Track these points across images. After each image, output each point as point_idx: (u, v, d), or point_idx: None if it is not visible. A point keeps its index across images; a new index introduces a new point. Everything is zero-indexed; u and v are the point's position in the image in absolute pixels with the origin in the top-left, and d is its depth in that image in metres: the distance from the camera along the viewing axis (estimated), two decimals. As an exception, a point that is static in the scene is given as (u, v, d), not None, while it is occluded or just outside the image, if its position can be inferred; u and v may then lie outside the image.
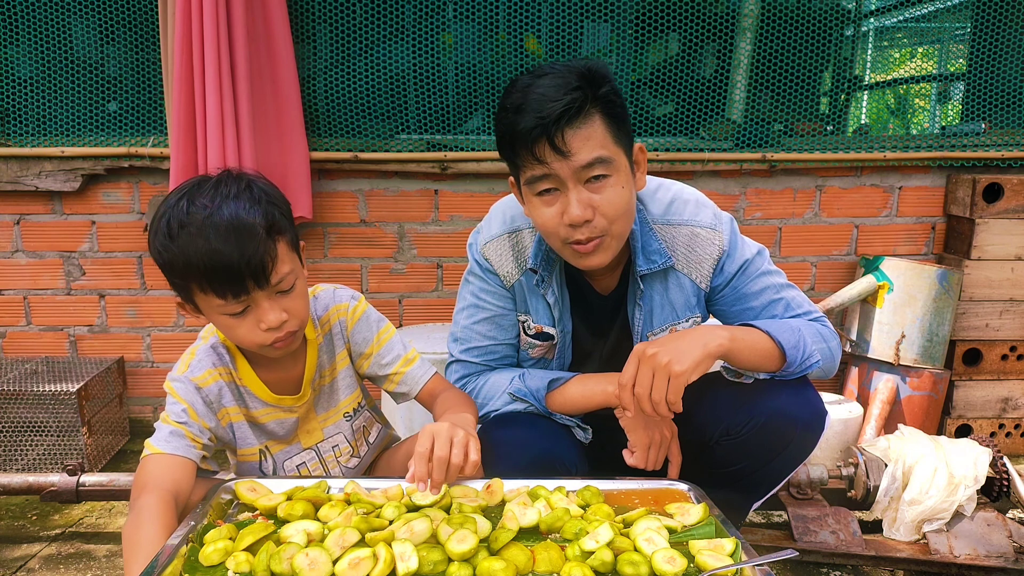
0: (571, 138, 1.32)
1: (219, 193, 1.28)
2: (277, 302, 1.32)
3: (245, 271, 1.25)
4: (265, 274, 1.27)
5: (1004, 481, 2.01)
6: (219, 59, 2.43)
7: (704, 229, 1.54)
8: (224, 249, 1.23)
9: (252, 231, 1.25)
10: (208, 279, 1.26)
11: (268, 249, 1.27)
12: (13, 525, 2.28)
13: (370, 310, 1.57)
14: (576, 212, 1.36)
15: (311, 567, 1.07)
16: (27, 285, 2.84)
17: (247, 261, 1.24)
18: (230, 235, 1.24)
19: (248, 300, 1.30)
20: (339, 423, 1.58)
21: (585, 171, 1.35)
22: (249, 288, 1.27)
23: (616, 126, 1.37)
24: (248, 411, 1.49)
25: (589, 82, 1.34)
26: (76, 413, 2.52)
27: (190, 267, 1.25)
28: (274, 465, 1.54)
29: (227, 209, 1.25)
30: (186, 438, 1.38)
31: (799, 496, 2.09)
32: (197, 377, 1.43)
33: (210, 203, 1.26)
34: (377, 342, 1.56)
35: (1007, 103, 2.86)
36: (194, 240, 1.24)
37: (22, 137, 2.73)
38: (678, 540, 1.19)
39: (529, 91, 1.34)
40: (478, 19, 2.74)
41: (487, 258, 1.60)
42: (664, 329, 1.60)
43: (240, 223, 1.25)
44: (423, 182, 2.81)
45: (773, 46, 2.79)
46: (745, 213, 2.86)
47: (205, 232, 1.23)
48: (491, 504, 1.30)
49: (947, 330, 2.68)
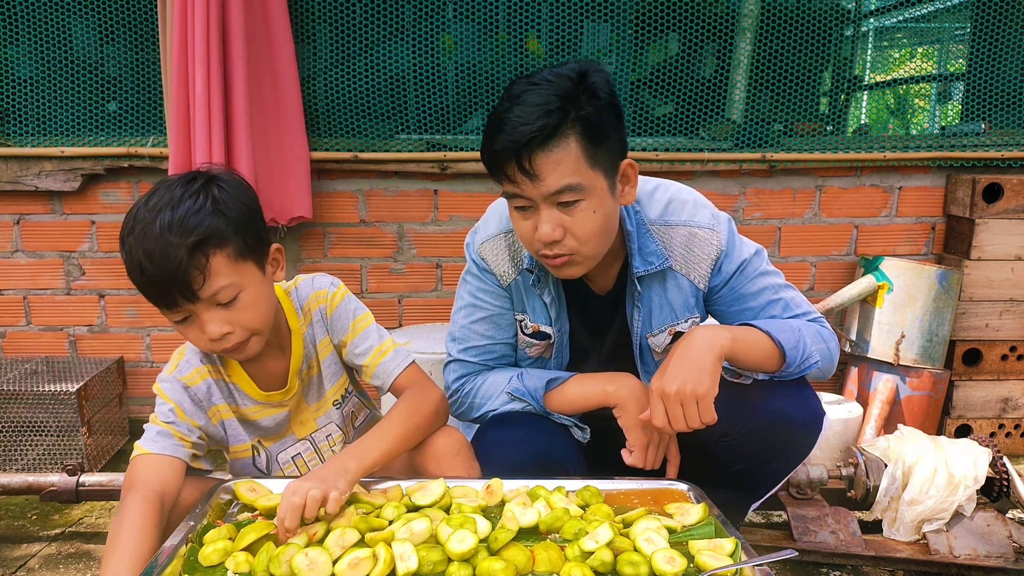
0: (540, 163, 1.31)
1: (163, 199, 1.25)
2: (217, 314, 1.29)
3: (171, 285, 1.23)
4: (191, 289, 1.24)
5: (1004, 481, 2.01)
6: (208, 58, 2.41)
7: (702, 229, 1.53)
8: (147, 263, 1.22)
9: (176, 245, 1.21)
10: (141, 289, 1.27)
11: (194, 263, 1.23)
12: (13, 525, 2.28)
13: (348, 297, 1.54)
14: (545, 231, 1.36)
15: (311, 567, 1.07)
16: (27, 285, 2.84)
17: (171, 275, 1.22)
18: (156, 247, 1.21)
19: (185, 311, 1.28)
20: (330, 412, 1.57)
21: (554, 196, 1.35)
22: (179, 301, 1.25)
23: (594, 148, 1.34)
24: (239, 408, 1.49)
25: (572, 100, 1.32)
26: (76, 413, 2.52)
27: (130, 275, 1.27)
28: (268, 459, 1.54)
29: (161, 219, 1.22)
30: (174, 437, 1.38)
31: (799, 496, 2.09)
32: (185, 376, 1.43)
33: (150, 212, 1.24)
34: (352, 330, 1.52)
35: (1007, 103, 2.86)
36: (132, 249, 1.24)
37: (22, 137, 2.73)
38: (678, 540, 1.19)
39: (512, 105, 1.32)
40: (478, 19, 2.74)
41: (483, 258, 1.60)
42: (663, 330, 1.60)
43: (166, 236, 1.22)
44: (423, 182, 2.81)
45: (773, 46, 2.79)
46: (745, 213, 2.86)
47: (139, 242, 1.23)
48: (491, 504, 1.30)
49: (947, 330, 2.68)
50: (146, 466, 1.35)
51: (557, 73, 1.35)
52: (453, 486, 1.34)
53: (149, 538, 1.21)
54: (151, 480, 1.32)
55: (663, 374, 1.38)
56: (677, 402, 1.35)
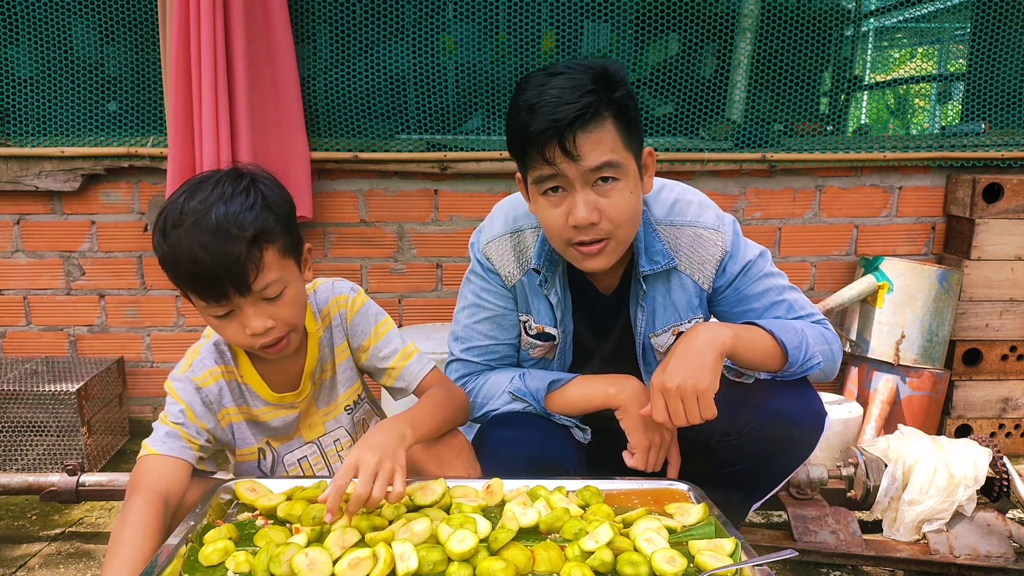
0: (582, 141, 1.32)
1: (214, 193, 1.26)
2: (262, 309, 1.30)
3: (225, 278, 1.24)
4: (246, 282, 1.25)
5: (1004, 481, 2.01)
6: (215, 59, 2.43)
7: (707, 230, 1.54)
8: (204, 256, 1.22)
9: (235, 238, 1.23)
10: (190, 282, 1.26)
11: (251, 257, 1.25)
12: (13, 525, 2.28)
13: (369, 303, 1.56)
14: (582, 214, 1.36)
15: (311, 567, 1.07)
16: (27, 285, 2.84)
17: (227, 268, 1.23)
18: (212, 241, 1.22)
19: (231, 305, 1.28)
20: (340, 417, 1.58)
21: (594, 174, 1.35)
22: (230, 294, 1.26)
23: (628, 131, 1.37)
24: (249, 410, 1.49)
25: (604, 85, 1.33)
26: (76, 413, 2.52)
27: (176, 268, 1.26)
28: (274, 460, 1.54)
29: (216, 212, 1.24)
30: (182, 439, 1.38)
31: (799, 496, 2.09)
32: (198, 377, 1.43)
33: (201, 205, 1.25)
34: (375, 335, 1.54)
35: (1007, 103, 2.86)
36: (181, 242, 1.24)
37: (22, 137, 2.73)
38: (678, 540, 1.19)
39: (544, 90, 1.33)
40: (478, 19, 2.74)
41: (489, 258, 1.60)
42: (667, 330, 1.60)
43: (224, 229, 1.23)
44: (423, 182, 2.81)
45: (773, 46, 2.79)
46: (745, 213, 2.86)
47: (191, 235, 1.23)
48: (491, 504, 1.30)
49: (947, 330, 2.68)
50: (153, 467, 1.35)
51: (577, 64, 1.36)
52: (453, 486, 1.34)
53: (151, 539, 1.21)
54: (157, 481, 1.31)
55: (664, 369, 1.38)
56: (677, 397, 1.35)
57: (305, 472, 1.56)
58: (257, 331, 1.30)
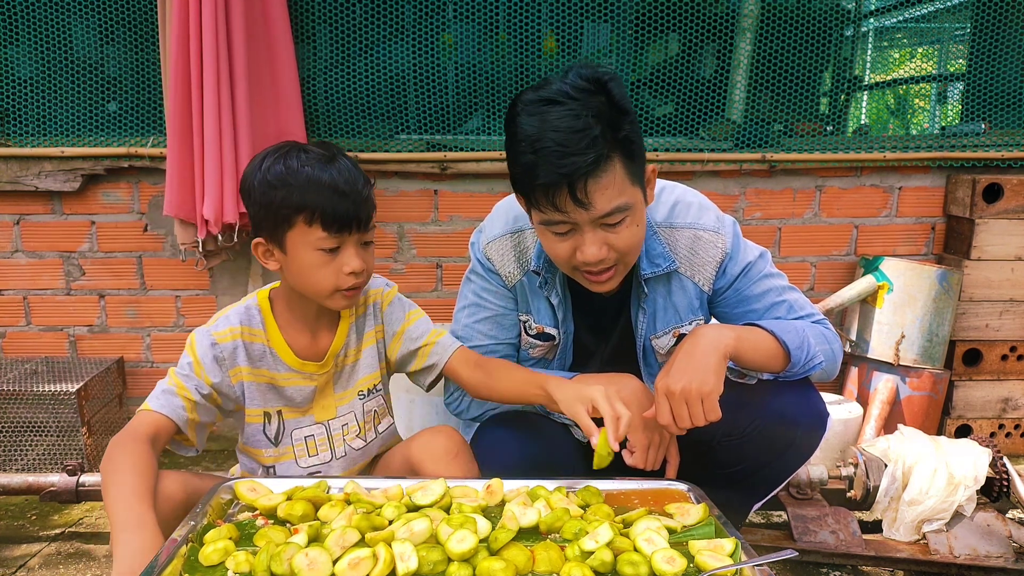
0: (593, 189, 1.29)
1: (320, 153, 1.41)
2: (360, 252, 1.44)
3: (359, 209, 1.39)
4: (368, 217, 1.42)
5: (1004, 481, 2.01)
6: (217, 60, 2.42)
7: (707, 232, 1.54)
8: (345, 185, 1.37)
9: (363, 181, 1.42)
10: (323, 209, 1.36)
11: (372, 199, 1.43)
12: (13, 525, 2.28)
13: (400, 295, 1.66)
14: (592, 252, 1.36)
15: (311, 567, 1.07)
16: (27, 285, 2.84)
17: (363, 200, 1.40)
18: (350, 177, 1.39)
19: (343, 240, 1.40)
20: (353, 402, 1.60)
21: (604, 219, 1.34)
22: (352, 227, 1.39)
23: (633, 164, 1.34)
24: (269, 373, 1.52)
25: (609, 122, 1.28)
26: (76, 413, 2.52)
27: (309, 193, 1.36)
28: (280, 430, 1.55)
29: (339, 164, 1.40)
30: (177, 396, 1.43)
31: (799, 496, 2.10)
32: (218, 332, 1.48)
33: (316, 159, 1.39)
34: (408, 319, 1.63)
35: (1007, 103, 2.86)
36: (317, 173, 1.37)
37: (22, 137, 2.73)
38: (678, 540, 1.19)
39: (544, 125, 1.27)
40: (478, 19, 2.74)
41: (489, 258, 1.60)
42: (667, 332, 1.60)
43: (354, 178, 1.40)
44: (423, 182, 2.81)
45: (773, 46, 2.79)
46: (745, 213, 2.86)
47: (328, 169, 1.38)
48: (491, 504, 1.30)
49: (947, 330, 2.68)
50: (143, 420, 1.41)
51: (574, 87, 1.29)
52: (453, 486, 1.34)
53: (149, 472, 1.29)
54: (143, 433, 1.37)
55: (668, 373, 1.38)
56: (682, 400, 1.35)
57: (310, 451, 1.58)
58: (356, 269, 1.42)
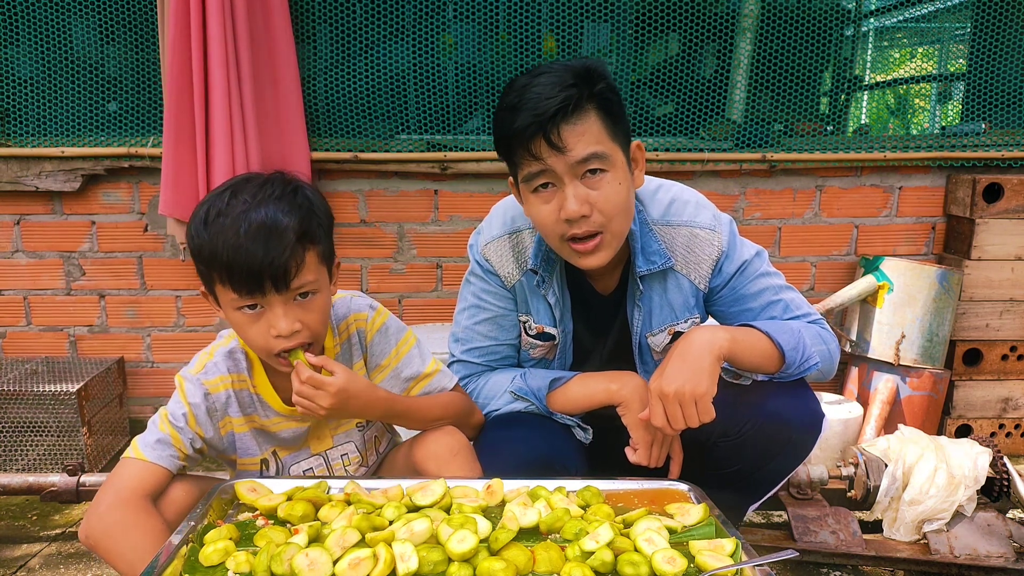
0: (567, 134, 1.33)
1: (262, 191, 1.30)
2: (292, 310, 1.32)
3: (265, 270, 1.26)
4: (285, 278, 1.28)
5: (1004, 481, 2.01)
6: (227, 61, 2.43)
7: (703, 230, 1.54)
8: (249, 245, 1.25)
9: (282, 233, 1.27)
10: (228, 271, 1.27)
11: (295, 254, 1.28)
12: (13, 525, 2.28)
13: (390, 320, 1.55)
14: (572, 207, 1.36)
15: (311, 567, 1.07)
16: (27, 285, 2.84)
17: (270, 261, 1.25)
18: (259, 232, 1.26)
19: (263, 300, 1.30)
20: (350, 432, 1.56)
21: (581, 166, 1.36)
22: (266, 288, 1.28)
23: (612, 122, 1.38)
24: (259, 419, 1.49)
25: (585, 79, 1.35)
26: (76, 413, 2.52)
27: (215, 256, 1.27)
28: (279, 469, 1.53)
29: (265, 208, 1.28)
30: (172, 447, 1.39)
31: (799, 496, 2.09)
32: (209, 381, 1.43)
33: (250, 199, 1.28)
34: (396, 355, 1.54)
35: (1007, 103, 2.86)
36: (225, 231, 1.26)
37: (22, 137, 2.73)
38: (678, 540, 1.19)
39: (525, 90, 1.35)
40: (478, 19, 2.74)
41: (488, 259, 1.60)
42: (663, 330, 1.60)
43: (272, 223, 1.27)
44: (423, 182, 2.81)
45: (773, 46, 2.79)
46: (745, 213, 2.86)
47: (237, 225, 1.26)
48: (491, 504, 1.30)
49: (947, 330, 2.68)
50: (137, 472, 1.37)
51: (559, 64, 1.38)
52: (454, 486, 1.34)
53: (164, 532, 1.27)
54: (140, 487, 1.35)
55: (662, 374, 1.38)
56: (676, 402, 1.35)
57: None
58: (283, 332, 1.31)
